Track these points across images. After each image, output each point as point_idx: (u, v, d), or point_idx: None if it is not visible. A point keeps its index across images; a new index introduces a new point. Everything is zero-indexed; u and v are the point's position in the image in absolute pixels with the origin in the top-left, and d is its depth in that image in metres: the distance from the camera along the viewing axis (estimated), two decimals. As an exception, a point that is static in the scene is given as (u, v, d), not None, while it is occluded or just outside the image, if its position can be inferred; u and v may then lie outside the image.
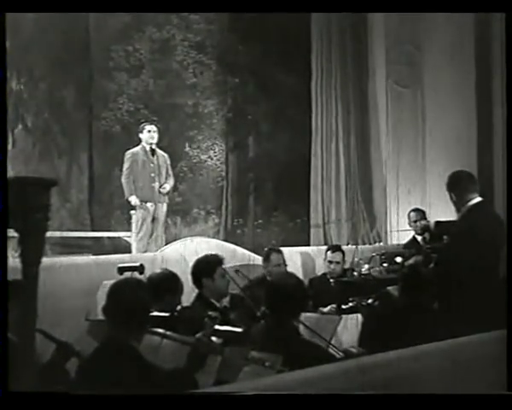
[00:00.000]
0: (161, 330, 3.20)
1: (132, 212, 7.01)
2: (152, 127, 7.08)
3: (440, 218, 5.82)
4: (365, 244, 8.24)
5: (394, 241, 8.23)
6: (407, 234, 7.27)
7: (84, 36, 9.35)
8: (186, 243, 6.36)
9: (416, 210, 7.18)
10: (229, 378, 2.93)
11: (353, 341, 4.19)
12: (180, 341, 3.14)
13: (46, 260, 2.77)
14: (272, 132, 10.00)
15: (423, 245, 6.07)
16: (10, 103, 8.52)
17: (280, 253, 5.67)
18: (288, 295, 3.44)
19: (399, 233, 7.97)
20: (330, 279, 6.01)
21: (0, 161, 2.53)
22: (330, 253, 6.11)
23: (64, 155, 9.41)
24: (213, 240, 7.59)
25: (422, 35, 8.41)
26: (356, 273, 5.99)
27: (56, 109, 9.32)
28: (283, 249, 5.85)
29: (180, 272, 4.29)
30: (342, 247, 6.37)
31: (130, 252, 7.01)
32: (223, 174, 10.00)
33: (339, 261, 6.05)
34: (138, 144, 7.09)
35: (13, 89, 8.77)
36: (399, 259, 5.88)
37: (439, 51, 8.24)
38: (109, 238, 8.95)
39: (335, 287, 5.88)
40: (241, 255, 6.50)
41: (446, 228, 5.10)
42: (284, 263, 5.60)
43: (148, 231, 6.89)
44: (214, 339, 3.16)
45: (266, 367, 2.91)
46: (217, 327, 3.22)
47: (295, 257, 6.59)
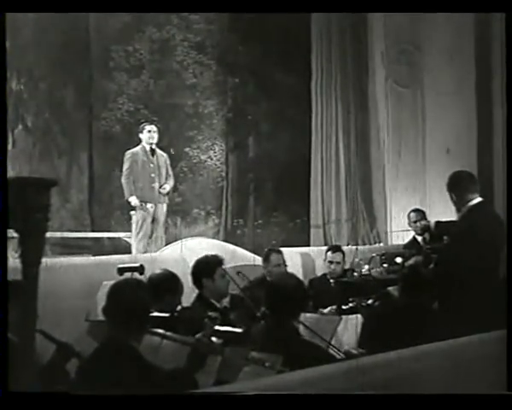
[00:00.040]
0: (161, 330, 3.20)
1: (132, 212, 7.01)
2: (152, 127, 7.09)
3: (440, 218, 5.82)
4: (365, 245, 8.24)
5: (394, 241, 8.23)
6: (407, 234, 7.27)
7: (84, 36, 9.34)
8: (186, 244, 6.36)
9: (416, 210, 7.18)
10: (229, 379, 2.92)
11: (353, 341, 4.18)
12: (180, 341, 3.14)
13: (46, 260, 2.77)
14: (272, 132, 9.99)
15: (423, 245, 6.08)
16: (10, 103, 8.52)
17: (280, 253, 5.67)
18: (288, 295, 3.44)
19: (399, 234, 7.97)
20: (330, 280, 6.01)
21: (0, 161, 2.53)
22: (330, 253, 6.11)
23: (64, 156, 9.40)
24: (213, 240, 7.59)
25: (422, 35, 8.41)
26: (356, 274, 5.99)
27: (56, 109, 9.31)
28: (283, 250, 5.85)
29: (180, 273, 4.29)
30: (342, 247, 6.37)
31: (130, 252, 7.01)
32: (223, 174, 9.99)
33: (339, 262, 6.05)
34: (138, 144, 7.10)
35: (13, 89, 8.77)
36: (399, 259, 5.88)
37: (439, 51, 8.25)
38: (109, 239, 8.95)
39: (335, 287, 5.88)
40: (241, 256, 6.50)
41: (446, 228, 5.11)
42: (284, 263, 5.60)
43: (148, 232, 6.90)
44: (214, 339, 3.16)
45: (266, 367, 2.91)
46: (217, 327, 3.23)
47: (295, 257, 6.59)
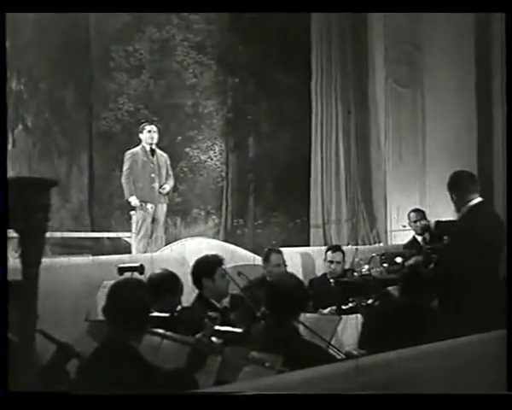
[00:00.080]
0: (161, 330, 3.20)
1: (132, 212, 7.01)
2: (152, 127, 7.09)
3: (440, 218, 5.82)
4: (365, 245, 8.24)
5: (394, 241, 8.23)
6: (407, 234, 7.27)
7: (84, 36, 9.33)
8: (186, 244, 6.36)
9: (416, 210, 7.18)
10: (229, 379, 2.92)
11: (353, 341, 4.18)
12: (180, 341, 3.14)
13: (46, 260, 2.77)
14: (272, 132, 9.98)
15: (423, 245, 6.08)
16: (10, 103, 8.51)
17: (280, 253, 5.67)
18: (288, 295, 3.44)
19: (399, 233, 7.97)
20: (330, 280, 6.02)
21: (0, 161, 2.53)
22: (331, 253, 6.12)
23: (64, 156, 9.39)
24: (213, 240, 7.59)
25: (422, 35, 8.41)
26: (356, 274, 6.00)
27: (56, 109, 9.30)
28: (283, 250, 5.85)
29: (180, 273, 4.29)
30: (342, 247, 6.38)
31: (130, 252, 7.01)
32: (223, 174, 9.98)
33: (339, 261, 6.06)
34: (138, 144, 7.10)
35: (13, 89, 8.76)
36: (399, 259, 5.88)
37: (439, 51, 8.25)
38: (109, 239, 8.95)
39: (335, 287, 5.88)
40: (242, 256, 6.50)
41: (446, 228, 5.11)
42: (284, 263, 5.60)
43: (148, 232, 6.90)
44: (214, 339, 3.16)
45: (266, 368, 2.91)
46: (217, 327, 3.23)
47: (295, 257, 6.59)
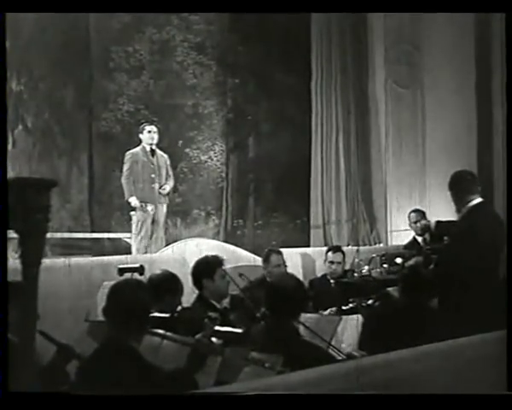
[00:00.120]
0: (161, 330, 3.20)
1: (132, 213, 7.01)
2: (152, 128, 7.09)
3: (440, 218, 5.82)
4: (365, 245, 8.23)
5: (394, 242, 8.23)
6: (407, 235, 7.27)
7: (84, 36, 9.33)
8: (186, 244, 6.36)
9: (417, 211, 7.17)
10: (229, 379, 2.92)
11: (353, 342, 4.18)
12: (180, 342, 3.14)
13: (46, 260, 2.77)
14: (272, 133, 9.98)
15: (423, 246, 6.08)
16: (10, 104, 8.51)
17: (280, 254, 5.67)
18: (288, 295, 3.44)
19: (400, 234, 7.96)
20: (331, 280, 6.02)
21: (0, 162, 2.53)
22: (331, 253, 6.12)
23: (64, 156, 9.39)
24: (213, 241, 7.59)
25: (422, 35, 8.40)
26: (356, 274, 5.99)
27: (56, 110, 9.30)
28: (283, 250, 5.85)
29: (180, 273, 4.29)
30: (342, 248, 6.38)
31: (130, 253, 7.00)
32: (223, 175, 9.98)
33: (340, 262, 6.06)
34: (138, 145, 7.10)
35: (13, 89, 8.76)
36: (399, 260, 5.88)
37: (439, 51, 8.24)
38: (109, 239, 8.95)
39: (336, 288, 5.89)
40: (242, 256, 6.50)
41: (447, 228, 5.11)
42: (284, 264, 5.60)
43: (148, 233, 6.89)
44: (214, 340, 3.16)
45: (266, 368, 2.91)
46: (217, 328, 3.23)
47: (295, 258, 6.59)
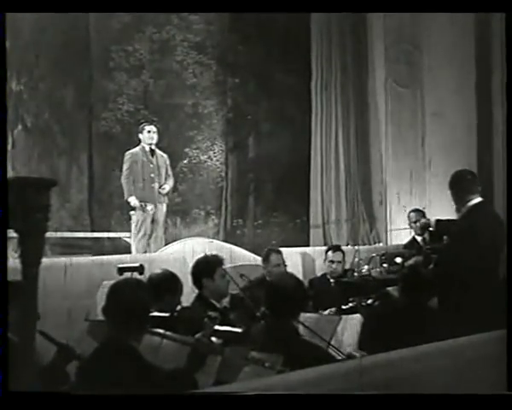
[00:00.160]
0: (161, 330, 3.20)
1: (132, 212, 7.01)
2: (152, 128, 7.09)
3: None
4: (365, 245, 8.23)
5: (394, 241, 8.23)
6: (407, 235, 7.27)
7: (84, 36, 9.33)
8: (186, 244, 6.36)
9: (416, 211, 7.18)
10: (229, 379, 2.92)
11: (353, 341, 4.18)
12: (180, 341, 3.14)
13: (46, 260, 2.77)
14: (272, 132, 9.98)
15: (423, 246, 6.07)
16: (10, 104, 8.51)
17: (279, 253, 5.67)
18: (288, 295, 3.44)
19: (399, 234, 7.96)
20: (330, 280, 6.02)
21: (0, 161, 2.53)
22: (331, 253, 6.12)
23: (64, 156, 9.39)
24: (213, 240, 7.59)
25: (422, 35, 8.40)
26: (356, 274, 6.00)
27: (56, 109, 9.30)
28: (283, 250, 5.85)
29: (180, 273, 4.29)
30: (342, 247, 6.38)
31: (129, 252, 7.00)
32: (222, 175, 9.98)
33: (340, 261, 6.07)
34: (138, 145, 7.10)
35: (13, 89, 8.76)
36: (399, 259, 5.88)
37: (439, 51, 8.24)
38: (109, 239, 8.95)
39: (335, 287, 5.89)
40: (241, 256, 6.50)
41: (447, 227, 5.10)
42: (284, 263, 5.60)
43: (148, 232, 6.89)
44: (214, 339, 3.16)
45: (266, 368, 2.91)
46: (217, 327, 3.22)
47: (295, 257, 6.59)
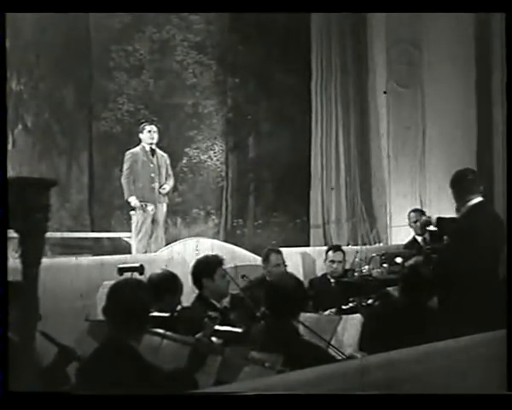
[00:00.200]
0: (161, 330, 3.20)
1: (132, 212, 7.00)
2: (152, 127, 7.09)
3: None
4: (365, 245, 8.23)
5: (394, 240, 8.23)
6: (408, 233, 7.26)
7: (84, 36, 9.33)
8: (186, 244, 6.36)
9: (416, 210, 7.18)
10: (229, 379, 2.92)
11: (353, 341, 4.18)
12: (180, 341, 3.14)
13: (46, 260, 2.77)
14: (272, 132, 9.97)
15: (423, 246, 6.08)
16: (10, 104, 8.51)
17: (279, 253, 5.67)
18: (288, 295, 3.44)
19: (400, 234, 7.96)
20: (331, 280, 6.02)
21: (0, 161, 2.53)
22: (332, 252, 6.13)
23: (64, 156, 9.39)
24: (213, 240, 7.59)
25: (422, 35, 8.40)
26: (356, 274, 6.00)
27: (56, 109, 9.30)
28: (283, 250, 5.85)
29: (180, 273, 4.29)
30: (342, 247, 6.38)
31: (130, 252, 7.00)
32: (223, 174, 9.97)
33: (340, 260, 6.07)
34: (138, 144, 7.10)
35: (13, 89, 8.76)
36: (399, 259, 5.88)
37: (439, 51, 8.24)
38: (109, 239, 8.94)
39: (336, 287, 5.89)
40: (241, 256, 6.50)
41: (448, 224, 5.09)
42: (284, 263, 5.60)
43: (148, 232, 6.89)
44: (214, 339, 3.16)
45: (266, 367, 2.91)
46: (217, 327, 3.22)
47: (295, 258, 6.59)
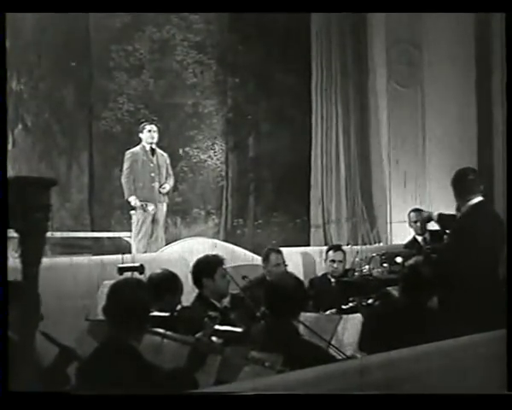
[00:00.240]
0: (161, 330, 3.20)
1: (132, 212, 7.01)
2: (152, 127, 7.09)
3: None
4: (365, 244, 8.23)
5: (394, 239, 8.24)
6: (407, 235, 7.26)
7: (84, 36, 9.34)
8: (186, 243, 6.36)
9: (416, 210, 7.17)
10: (229, 378, 2.92)
11: (353, 341, 4.18)
12: (180, 341, 3.14)
13: (46, 260, 2.77)
14: (272, 132, 9.98)
15: (424, 245, 6.08)
16: (10, 103, 8.50)
17: (279, 253, 5.67)
18: (288, 295, 3.44)
19: (400, 234, 7.96)
20: (331, 279, 6.03)
21: (0, 161, 2.53)
22: (332, 252, 6.13)
23: (64, 155, 9.40)
24: (213, 240, 7.59)
25: (422, 35, 8.40)
26: (357, 273, 6.00)
27: (56, 109, 9.31)
28: (284, 250, 5.85)
29: (180, 273, 4.29)
30: (343, 247, 6.38)
31: (130, 252, 7.00)
32: (223, 174, 9.98)
33: (341, 260, 6.08)
34: (138, 144, 7.10)
35: (13, 89, 8.76)
36: (400, 259, 5.88)
37: (440, 51, 8.24)
38: (109, 238, 8.94)
39: (336, 287, 5.89)
40: (241, 256, 6.50)
41: (449, 220, 5.09)
42: (284, 263, 5.60)
43: (148, 232, 6.90)
44: (214, 339, 3.16)
45: (266, 367, 2.91)
46: (217, 327, 3.22)
47: (296, 257, 6.59)
